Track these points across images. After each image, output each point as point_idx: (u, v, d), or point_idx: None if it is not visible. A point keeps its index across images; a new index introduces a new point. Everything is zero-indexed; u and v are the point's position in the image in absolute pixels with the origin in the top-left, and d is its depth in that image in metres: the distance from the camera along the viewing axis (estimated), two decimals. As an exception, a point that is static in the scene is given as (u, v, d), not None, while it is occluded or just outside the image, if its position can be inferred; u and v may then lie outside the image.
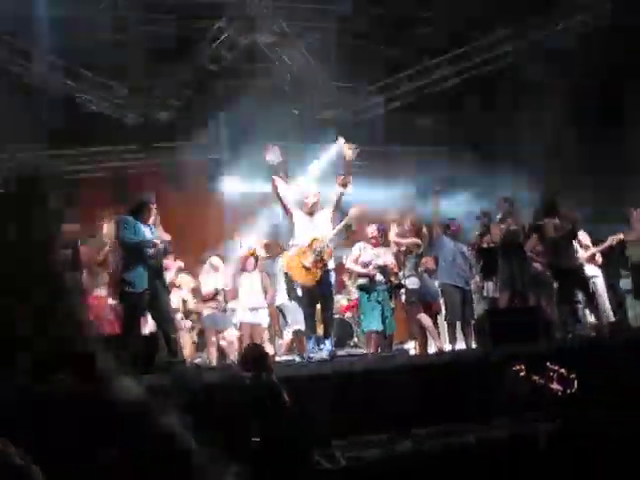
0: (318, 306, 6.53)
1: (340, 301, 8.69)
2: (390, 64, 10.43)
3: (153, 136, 10.71)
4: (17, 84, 9.43)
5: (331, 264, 6.54)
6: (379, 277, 6.83)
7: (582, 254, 7.50)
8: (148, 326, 6.44)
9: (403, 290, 7.24)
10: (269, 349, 7.75)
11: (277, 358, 6.99)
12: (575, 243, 7.22)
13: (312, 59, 9.88)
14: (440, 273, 7.39)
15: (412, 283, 7.10)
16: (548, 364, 5.22)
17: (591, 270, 7.59)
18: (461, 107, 10.42)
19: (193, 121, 10.47)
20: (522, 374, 5.13)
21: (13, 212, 4.97)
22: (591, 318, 7.20)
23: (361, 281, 6.97)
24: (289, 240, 6.89)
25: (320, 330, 6.54)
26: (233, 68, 10.05)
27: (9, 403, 4.13)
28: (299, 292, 6.71)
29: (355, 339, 8.85)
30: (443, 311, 7.67)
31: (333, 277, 6.66)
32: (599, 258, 7.94)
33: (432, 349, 7.41)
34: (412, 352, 8.18)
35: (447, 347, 7.55)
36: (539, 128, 9.13)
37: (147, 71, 10.08)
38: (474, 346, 6.88)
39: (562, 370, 5.25)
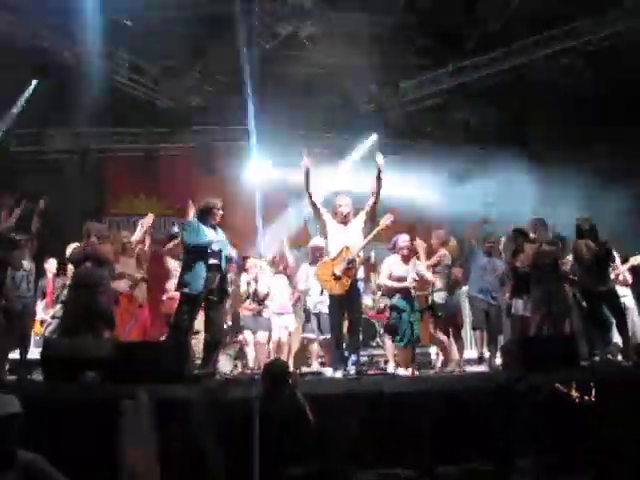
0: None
1: (365, 301, 8.65)
2: (430, 59, 10.23)
3: (185, 119, 10.71)
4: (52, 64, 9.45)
5: (360, 273, 6.54)
6: (413, 293, 6.78)
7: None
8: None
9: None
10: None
11: (304, 368, 6.95)
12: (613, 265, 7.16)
13: (352, 51, 9.70)
14: (469, 284, 7.50)
15: (440, 298, 7.07)
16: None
17: (620, 290, 7.45)
18: (505, 106, 10.19)
19: (226, 106, 10.41)
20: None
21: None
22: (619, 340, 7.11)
23: (395, 299, 6.81)
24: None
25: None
26: (271, 55, 9.92)
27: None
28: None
29: (378, 339, 8.88)
30: (467, 321, 7.74)
31: (362, 286, 6.67)
32: (628, 277, 7.82)
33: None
34: (433, 356, 8.30)
35: (469, 354, 7.68)
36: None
37: (182, 55, 10.02)
38: (498, 362, 6.89)
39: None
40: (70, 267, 6.87)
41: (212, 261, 5.78)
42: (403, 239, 6.94)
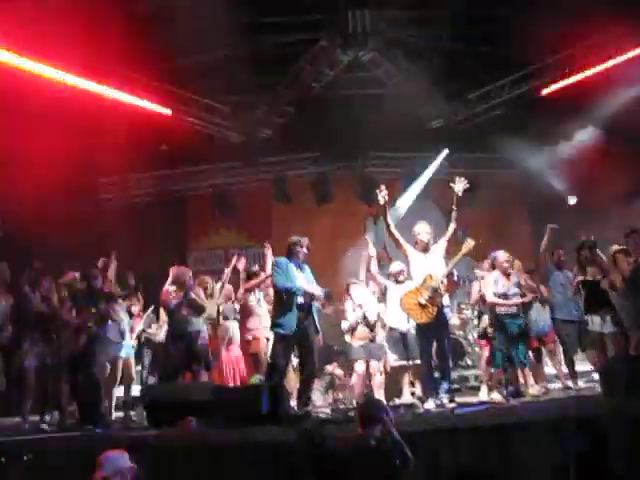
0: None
1: (452, 321, 8.55)
2: (494, 69, 10.03)
3: (257, 153, 10.93)
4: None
5: (446, 300, 6.49)
6: (514, 310, 6.62)
7: None
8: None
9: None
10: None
11: (396, 400, 6.90)
12: None
13: (413, 69, 9.67)
14: (553, 307, 7.21)
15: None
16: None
17: None
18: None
19: (296, 137, 10.57)
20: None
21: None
22: None
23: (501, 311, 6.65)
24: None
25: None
26: (335, 82, 10.01)
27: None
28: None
29: (467, 359, 8.76)
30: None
31: (449, 313, 6.64)
32: None
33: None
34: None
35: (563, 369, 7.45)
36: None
37: (248, 90, 10.24)
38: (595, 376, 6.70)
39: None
40: (162, 312, 7.17)
41: (301, 300, 5.93)
42: (503, 255, 6.77)
